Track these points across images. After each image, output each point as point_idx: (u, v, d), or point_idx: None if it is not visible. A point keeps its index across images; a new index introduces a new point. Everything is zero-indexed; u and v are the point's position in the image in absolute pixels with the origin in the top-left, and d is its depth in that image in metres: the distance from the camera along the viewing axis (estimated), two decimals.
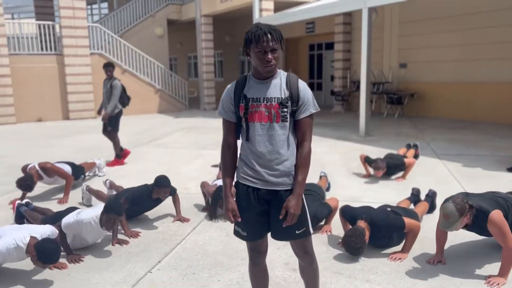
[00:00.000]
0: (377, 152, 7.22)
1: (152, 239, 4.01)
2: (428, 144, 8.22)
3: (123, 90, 7.08)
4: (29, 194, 5.06)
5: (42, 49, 13.52)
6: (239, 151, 2.37)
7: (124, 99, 7.15)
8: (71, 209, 3.86)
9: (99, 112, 7.25)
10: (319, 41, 17.45)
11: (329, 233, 4.06)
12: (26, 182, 4.73)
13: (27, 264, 3.37)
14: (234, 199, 2.32)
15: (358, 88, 12.10)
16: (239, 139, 2.36)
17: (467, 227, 3.25)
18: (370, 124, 9.65)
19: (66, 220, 3.59)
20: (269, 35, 2.13)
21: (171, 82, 16.36)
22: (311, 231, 2.38)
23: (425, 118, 12.07)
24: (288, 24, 12.64)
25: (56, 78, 13.60)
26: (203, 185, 4.89)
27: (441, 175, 6.04)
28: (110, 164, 6.94)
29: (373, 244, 3.64)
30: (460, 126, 10.47)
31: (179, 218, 4.50)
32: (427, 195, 4.63)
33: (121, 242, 3.87)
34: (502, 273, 3.06)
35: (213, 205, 4.49)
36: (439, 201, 4.62)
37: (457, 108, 11.60)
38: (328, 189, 5.29)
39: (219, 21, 17.53)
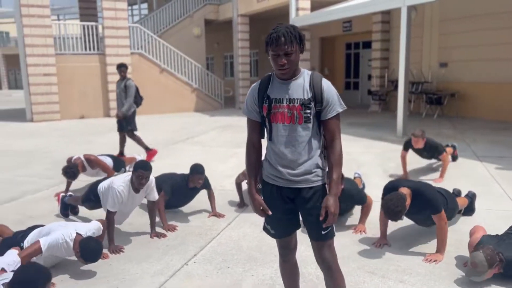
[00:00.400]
0: (414, 154, 7.08)
1: (188, 233, 4.13)
2: (469, 146, 7.97)
3: (137, 90, 7.30)
4: (71, 188, 5.29)
5: (85, 49, 14.06)
6: (264, 150, 2.40)
7: (138, 99, 7.37)
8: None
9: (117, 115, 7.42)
10: (356, 40, 17.22)
11: (363, 234, 4.05)
12: (71, 170, 5.04)
13: None
14: (261, 196, 2.36)
15: (396, 87, 11.86)
16: (263, 138, 2.39)
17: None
18: (408, 124, 9.45)
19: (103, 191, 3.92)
20: (282, 39, 2.10)
21: (207, 81, 16.62)
22: (335, 233, 2.34)
23: (465, 119, 11.68)
24: (325, 23, 12.57)
25: (98, 77, 14.12)
26: (238, 177, 4.96)
27: (481, 177, 5.86)
28: (147, 159, 7.10)
29: (410, 216, 3.64)
30: (502, 127, 10.07)
31: (215, 213, 4.61)
32: (466, 196, 4.52)
33: (159, 235, 4.03)
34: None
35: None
36: (478, 203, 4.51)
37: (499, 109, 11.15)
38: (362, 189, 5.26)
39: (256, 20, 17.64)
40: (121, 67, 7.24)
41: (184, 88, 15.80)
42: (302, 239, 2.84)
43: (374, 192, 5.16)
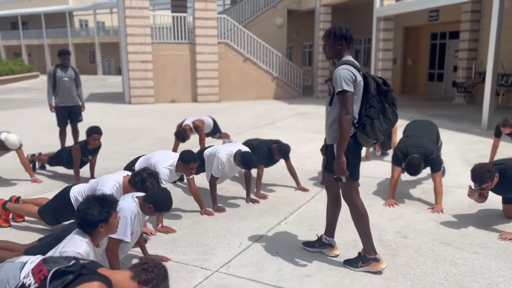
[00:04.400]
0: (504, 146, 7.02)
1: (278, 201, 4.72)
2: None
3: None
4: None
5: (177, 38, 15.22)
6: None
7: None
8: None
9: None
10: (443, 30, 16.65)
11: (441, 213, 4.34)
12: (181, 134, 6.14)
13: (186, 207, 4.33)
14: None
15: (483, 79, 11.48)
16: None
17: None
18: (494, 117, 9.22)
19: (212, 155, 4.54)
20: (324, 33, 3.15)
21: (287, 70, 17.13)
22: (347, 179, 3.06)
23: None
24: (410, 12, 12.45)
25: (188, 64, 15.25)
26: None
27: None
28: None
29: (500, 192, 3.90)
30: None
31: (300, 188, 5.15)
32: None
33: (254, 201, 4.66)
34: None
35: None
36: None
37: None
38: (443, 174, 5.47)
39: (338, 10, 17.74)
40: (67, 54, 6.84)
41: (265, 77, 16.46)
42: (381, 212, 3.22)
43: (455, 180, 5.39)
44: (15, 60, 31.71)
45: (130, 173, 3.62)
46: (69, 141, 6.82)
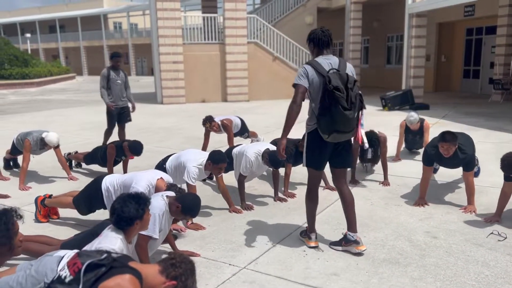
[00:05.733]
0: None
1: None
2: None
3: None
4: None
5: (207, 38, 15.41)
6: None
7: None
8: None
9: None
10: (479, 25, 16.13)
11: (473, 213, 4.24)
12: (208, 117, 6.45)
13: (216, 205, 4.42)
14: None
15: None
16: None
17: None
18: None
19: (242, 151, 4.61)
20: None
21: None
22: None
23: None
24: (444, 8, 12.12)
25: (218, 64, 15.41)
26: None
27: None
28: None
29: None
30: None
31: (328, 187, 5.14)
32: None
33: (282, 200, 4.70)
34: None
35: None
36: None
37: None
38: (477, 174, 5.33)
39: (368, 6, 17.48)
40: (119, 57, 6.96)
41: (295, 76, 16.34)
42: (411, 212, 3.21)
43: (489, 179, 5.24)
44: (53, 62, 32.93)
45: (164, 176, 3.71)
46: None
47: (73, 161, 6.20)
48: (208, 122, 6.48)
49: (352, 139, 3.52)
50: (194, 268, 2.19)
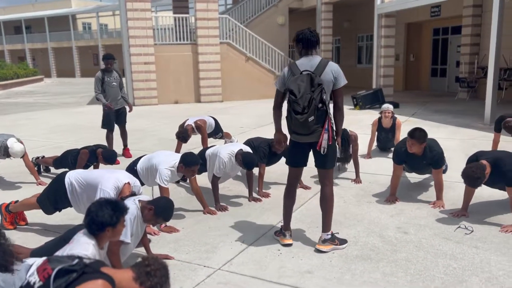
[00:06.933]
0: (506, 140, 7.02)
1: (280, 199, 4.67)
2: None
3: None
4: None
5: (179, 39, 15.27)
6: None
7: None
8: None
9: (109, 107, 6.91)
10: (445, 25, 16.61)
11: (442, 208, 4.37)
12: (182, 135, 6.16)
13: (190, 206, 4.38)
14: None
15: (486, 74, 11.45)
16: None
17: None
18: (497, 111, 9.20)
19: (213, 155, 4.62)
20: None
21: None
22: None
23: None
24: (412, 8, 12.42)
25: (191, 65, 15.30)
26: None
27: None
28: (128, 155, 6.95)
29: (488, 185, 3.95)
30: None
31: (302, 186, 5.18)
32: None
33: (256, 200, 4.71)
34: None
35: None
36: None
37: None
38: (444, 171, 5.48)
39: (339, 7, 17.74)
40: (111, 59, 6.88)
41: (268, 76, 16.48)
42: (382, 208, 3.27)
43: (456, 175, 5.38)
44: (19, 64, 31.94)
45: (131, 181, 3.63)
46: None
47: (41, 166, 6.04)
48: (182, 138, 6.21)
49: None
50: (168, 273, 2.17)
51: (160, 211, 3.08)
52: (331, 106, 3.34)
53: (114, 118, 7.00)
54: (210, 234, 3.82)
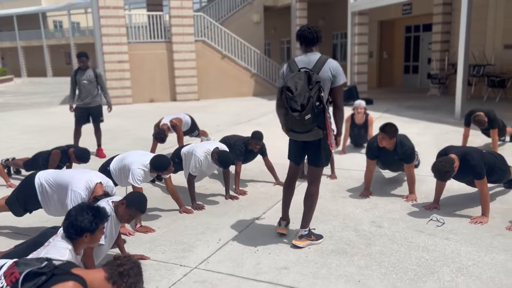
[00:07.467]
0: (475, 134, 7.23)
1: (256, 197, 4.77)
2: None
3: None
4: None
5: (153, 37, 15.08)
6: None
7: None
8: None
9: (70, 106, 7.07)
10: (416, 23, 16.96)
11: (414, 201, 4.47)
12: (160, 136, 6.08)
13: (169, 207, 4.34)
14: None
15: (456, 71, 11.76)
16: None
17: None
18: (467, 107, 9.45)
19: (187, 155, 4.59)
20: None
21: (265, 66, 17.18)
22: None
23: None
24: (384, 6, 12.62)
25: (166, 63, 15.14)
26: None
27: None
28: (102, 155, 6.87)
29: (457, 179, 4.06)
30: None
31: (278, 183, 5.21)
32: None
33: (233, 198, 4.70)
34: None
35: None
36: None
37: None
38: (417, 165, 5.60)
39: (314, 5, 17.86)
40: (84, 57, 6.82)
41: (244, 74, 16.47)
42: (356, 203, 3.31)
43: (428, 169, 5.51)
44: None
45: (103, 180, 3.56)
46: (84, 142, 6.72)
47: (12, 168, 5.87)
48: (160, 139, 6.12)
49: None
50: (141, 271, 2.15)
51: (131, 202, 3.06)
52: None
53: (83, 115, 6.97)
54: (186, 233, 3.80)
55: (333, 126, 3.40)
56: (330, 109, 3.35)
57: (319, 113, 3.17)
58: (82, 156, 5.16)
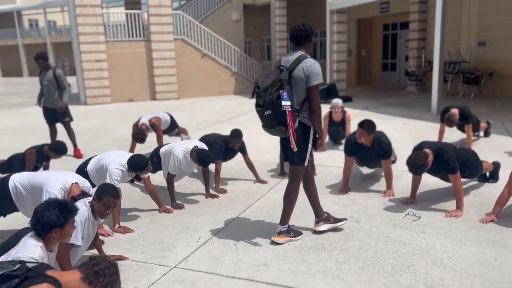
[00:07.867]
0: (450, 130, 7.39)
1: (237, 195, 4.78)
2: (503, 124, 8.17)
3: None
4: None
5: (131, 36, 14.90)
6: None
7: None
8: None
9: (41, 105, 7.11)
10: (394, 21, 17.22)
11: (392, 197, 4.55)
12: (139, 136, 6.02)
13: (147, 206, 4.31)
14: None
15: (432, 68, 11.99)
16: None
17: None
18: (443, 103, 9.61)
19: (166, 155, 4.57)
20: None
21: (246, 65, 17.17)
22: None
23: (503, 99, 11.68)
24: (362, 5, 12.76)
25: (144, 62, 14.98)
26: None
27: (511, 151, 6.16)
28: (79, 156, 6.84)
29: (432, 174, 4.15)
30: None
31: (259, 180, 5.23)
32: (492, 163, 4.88)
33: (213, 196, 4.70)
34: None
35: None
36: (503, 174, 4.89)
37: None
38: (394, 161, 5.70)
39: (293, 4, 17.93)
40: (40, 59, 6.76)
41: (224, 72, 16.44)
42: (335, 199, 3.34)
43: (405, 165, 5.62)
44: None
45: (79, 180, 3.51)
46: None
47: None
48: (139, 139, 6.04)
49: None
50: (118, 271, 2.14)
51: (100, 192, 3.04)
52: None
53: (49, 115, 7.04)
54: (165, 233, 3.78)
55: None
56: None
57: (280, 111, 3.14)
58: (58, 148, 5.06)
